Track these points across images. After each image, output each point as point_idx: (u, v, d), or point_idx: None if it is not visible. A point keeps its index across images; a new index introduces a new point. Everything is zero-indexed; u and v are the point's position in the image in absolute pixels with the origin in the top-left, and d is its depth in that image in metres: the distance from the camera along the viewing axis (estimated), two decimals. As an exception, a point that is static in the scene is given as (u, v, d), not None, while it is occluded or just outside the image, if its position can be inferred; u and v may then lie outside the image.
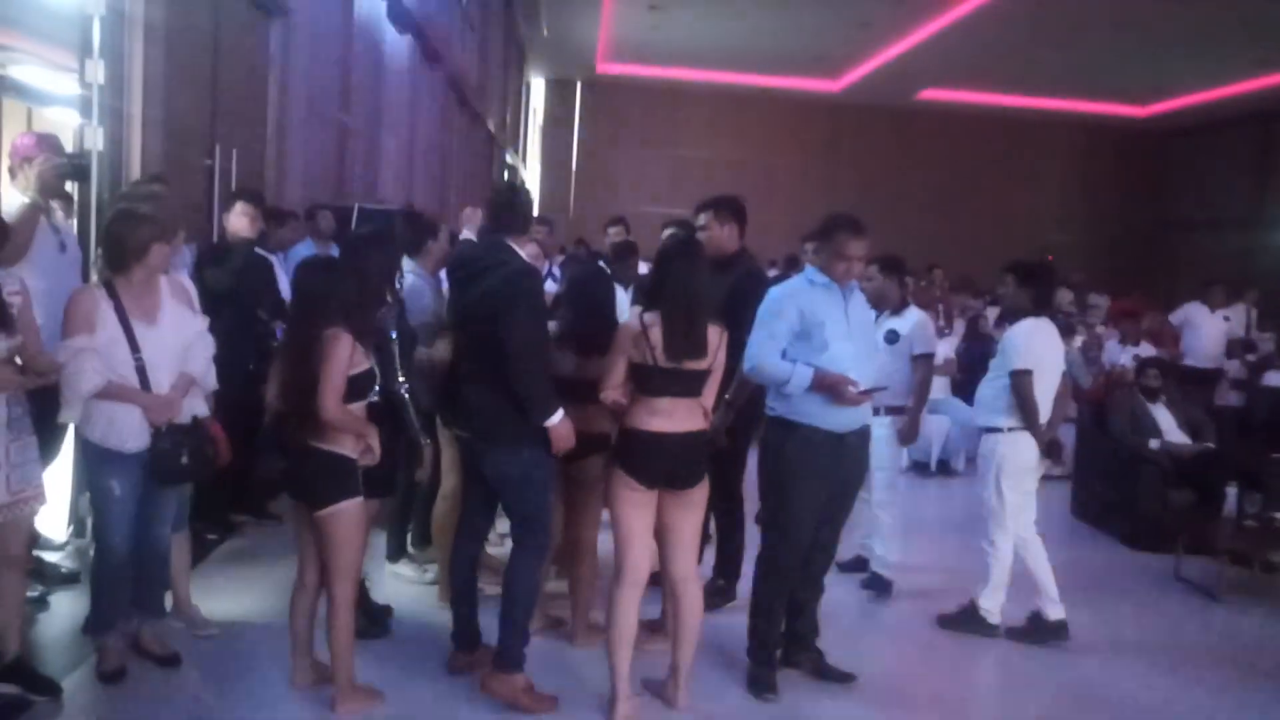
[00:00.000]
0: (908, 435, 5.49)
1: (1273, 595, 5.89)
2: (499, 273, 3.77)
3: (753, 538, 4.56)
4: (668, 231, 5.52)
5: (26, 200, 4.04)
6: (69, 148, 4.62)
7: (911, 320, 5.53)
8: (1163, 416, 7.20)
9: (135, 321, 3.57)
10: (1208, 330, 9.60)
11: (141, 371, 3.57)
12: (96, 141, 5.02)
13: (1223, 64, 15.78)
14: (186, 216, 5.23)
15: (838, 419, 4.04)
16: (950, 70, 17.64)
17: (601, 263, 6.49)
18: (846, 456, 4.14)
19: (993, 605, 4.98)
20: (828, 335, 3.99)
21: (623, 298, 6.13)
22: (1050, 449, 5.06)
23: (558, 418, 3.68)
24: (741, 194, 5.11)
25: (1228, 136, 19.34)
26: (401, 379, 4.01)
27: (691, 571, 3.88)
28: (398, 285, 4.30)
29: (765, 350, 4.02)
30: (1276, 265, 17.13)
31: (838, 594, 4.89)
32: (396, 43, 10.54)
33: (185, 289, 3.93)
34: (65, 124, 5.27)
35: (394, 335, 4.02)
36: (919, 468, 8.62)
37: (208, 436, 3.80)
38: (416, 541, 5.18)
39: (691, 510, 3.82)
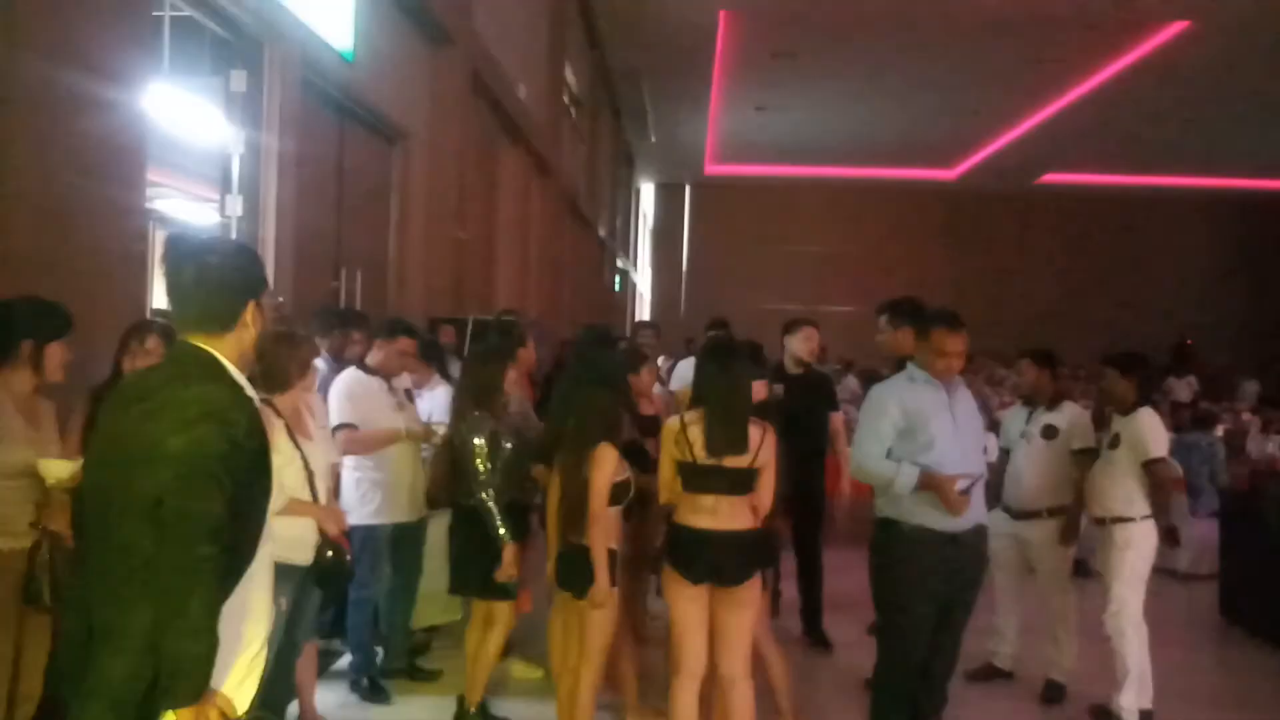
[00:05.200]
0: (1068, 535, 5.20)
1: None
2: None
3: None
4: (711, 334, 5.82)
5: None
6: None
7: (1069, 414, 5.26)
8: (1317, 507, 6.72)
9: (298, 437, 3.75)
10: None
11: (311, 485, 3.72)
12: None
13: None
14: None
15: (950, 518, 3.93)
16: (1071, 153, 17.37)
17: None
18: (962, 557, 4.00)
19: (1131, 703, 4.70)
20: (933, 433, 3.92)
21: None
22: (1169, 535, 5.00)
23: None
24: (863, 287, 5.21)
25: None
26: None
27: (741, 671, 3.81)
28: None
29: (869, 450, 3.98)
30: None
31: (966, 704, 4.67)
32: (509, 157, 11.04)
33: (310, 404, 4.11)
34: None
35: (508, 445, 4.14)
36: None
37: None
38: None
39: (739, 609, 3.79)
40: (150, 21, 4.45)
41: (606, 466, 3.79)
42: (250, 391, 2.25)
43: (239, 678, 2.15)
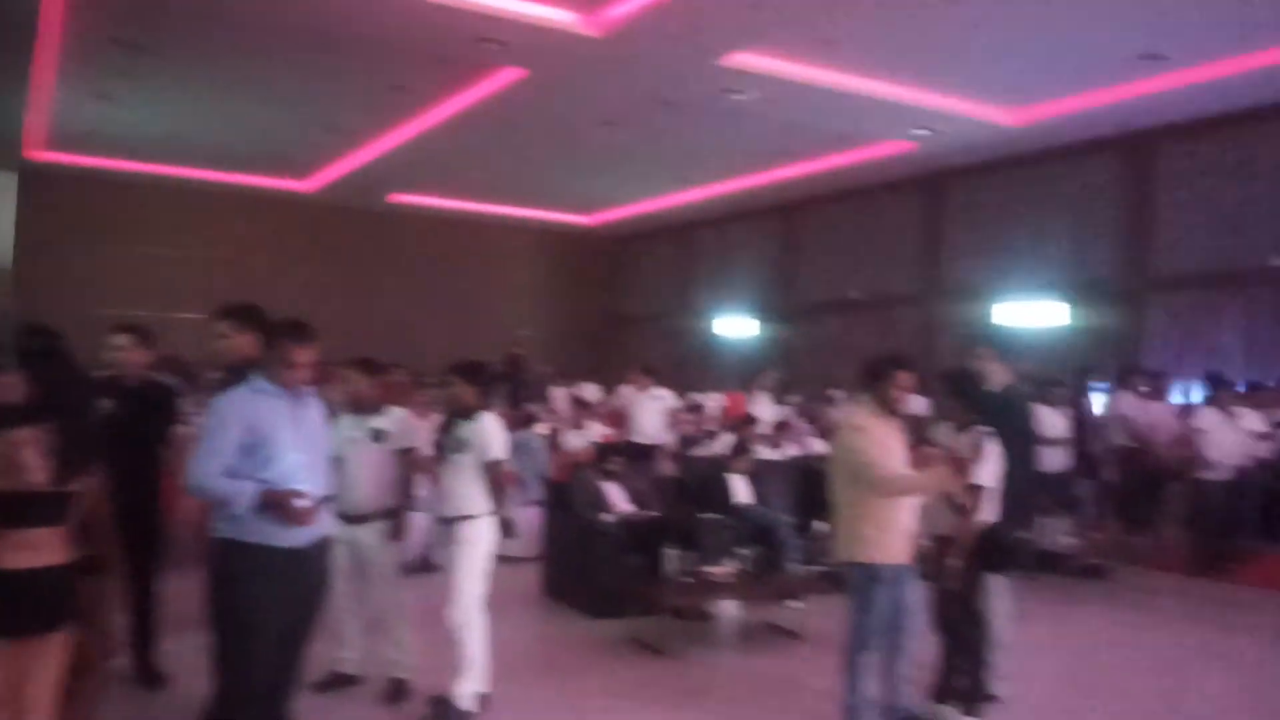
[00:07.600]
0: (398, 532, 5.48)
1: (707, 640, 6.75)
2: None
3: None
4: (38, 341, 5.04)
5: None
6: None
7: (394, 417, 5.55)
8: (614, 491, 8.02)
9: None
10: (646, 410, 10.96)
11: None
12: None
13: (649, 181, 18.37)
14: None
15: (295, 534, 3.90)
16: (422, 177, 18.44)
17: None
18: (306, 572, 4.02)
19: (469, 689, 5.09)
20: (277, 448, 3.88)
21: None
22: (508, 527, 5.43)
23: None
24: (219, 294, 4.89)
25: (658, 242, 22.60)
26: None
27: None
28: None
29: (206, 467, 3.79)
30: (698, 348, 20.39)
31: (312, 715, 4.73)
32: None
33: None
34: None
35: None
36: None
37: None
38: None
39: (53, 659, 3.29)
40: None
41: None
42: None
43: None
